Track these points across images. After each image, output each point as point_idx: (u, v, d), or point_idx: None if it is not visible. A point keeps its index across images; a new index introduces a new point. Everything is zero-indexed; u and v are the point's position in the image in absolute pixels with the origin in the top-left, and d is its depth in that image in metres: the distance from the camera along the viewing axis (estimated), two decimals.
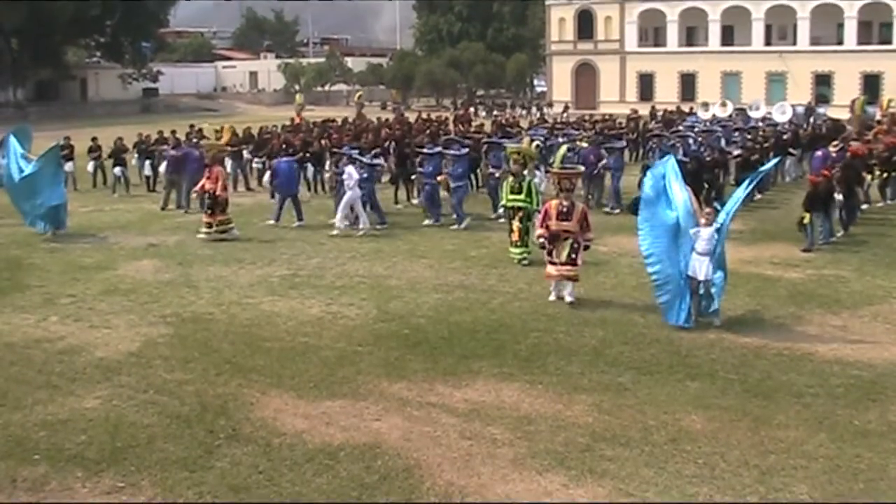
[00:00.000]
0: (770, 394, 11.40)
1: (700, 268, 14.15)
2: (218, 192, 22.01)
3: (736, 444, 9.87)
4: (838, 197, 21.09)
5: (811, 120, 47.83)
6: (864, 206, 24.30)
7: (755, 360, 12.70)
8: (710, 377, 12.02)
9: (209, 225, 22.02)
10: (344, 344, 13.58)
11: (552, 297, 15.96)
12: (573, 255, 15.75)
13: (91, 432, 10.35)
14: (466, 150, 24.94)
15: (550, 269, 15.95)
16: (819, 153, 25.11)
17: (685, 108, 56.48)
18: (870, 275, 17.75)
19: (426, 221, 23.73)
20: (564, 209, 15.78)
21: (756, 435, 10.13)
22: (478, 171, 28.04)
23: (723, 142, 31.18)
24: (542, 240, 15.97)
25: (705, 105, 49.12)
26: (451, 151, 24.23)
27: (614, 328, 14.25)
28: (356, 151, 24.46)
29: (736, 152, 27.94)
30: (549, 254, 15.90)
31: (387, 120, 41.18)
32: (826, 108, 57.47)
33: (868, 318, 14.87)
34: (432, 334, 13.99)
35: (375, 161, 24.96)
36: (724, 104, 48.81)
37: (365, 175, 23.05)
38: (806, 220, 19.90)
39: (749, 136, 31.31)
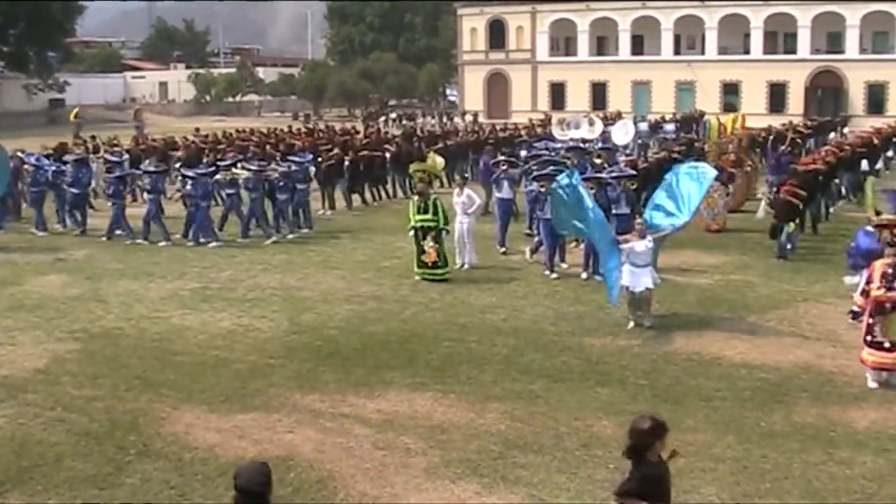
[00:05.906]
0: (679, 398, 11.60)
1: (639, 280, 14.44)
2: None
3: None
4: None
5: (650, 142, 42.21)
6: None
7: (665, 365, 12.91)
8: (621, 383, 12.18)
9: None
10: (256, 357, 13.48)
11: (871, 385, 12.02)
12: None
13: None
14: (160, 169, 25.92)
15: (876, 356, 11.90)
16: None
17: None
18: (776, 279, 18.11)
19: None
20: (892, 270, 11.93)
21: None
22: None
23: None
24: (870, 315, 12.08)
25: (563, 122, 38.24)
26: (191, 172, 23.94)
27: (526, 337, 14.34)
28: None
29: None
30: (870, 334, 11.98)
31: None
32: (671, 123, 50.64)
33: (774, 322, 15.19)
34: (345, 346, 13.96)
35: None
36: (591, 122, 36.64)
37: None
38: (791, 229, 20.06)
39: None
